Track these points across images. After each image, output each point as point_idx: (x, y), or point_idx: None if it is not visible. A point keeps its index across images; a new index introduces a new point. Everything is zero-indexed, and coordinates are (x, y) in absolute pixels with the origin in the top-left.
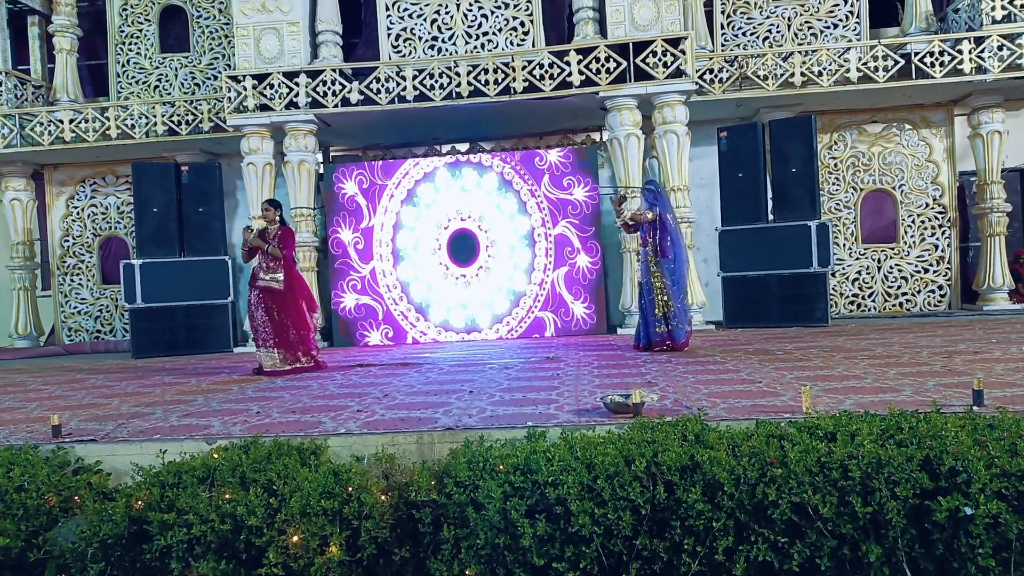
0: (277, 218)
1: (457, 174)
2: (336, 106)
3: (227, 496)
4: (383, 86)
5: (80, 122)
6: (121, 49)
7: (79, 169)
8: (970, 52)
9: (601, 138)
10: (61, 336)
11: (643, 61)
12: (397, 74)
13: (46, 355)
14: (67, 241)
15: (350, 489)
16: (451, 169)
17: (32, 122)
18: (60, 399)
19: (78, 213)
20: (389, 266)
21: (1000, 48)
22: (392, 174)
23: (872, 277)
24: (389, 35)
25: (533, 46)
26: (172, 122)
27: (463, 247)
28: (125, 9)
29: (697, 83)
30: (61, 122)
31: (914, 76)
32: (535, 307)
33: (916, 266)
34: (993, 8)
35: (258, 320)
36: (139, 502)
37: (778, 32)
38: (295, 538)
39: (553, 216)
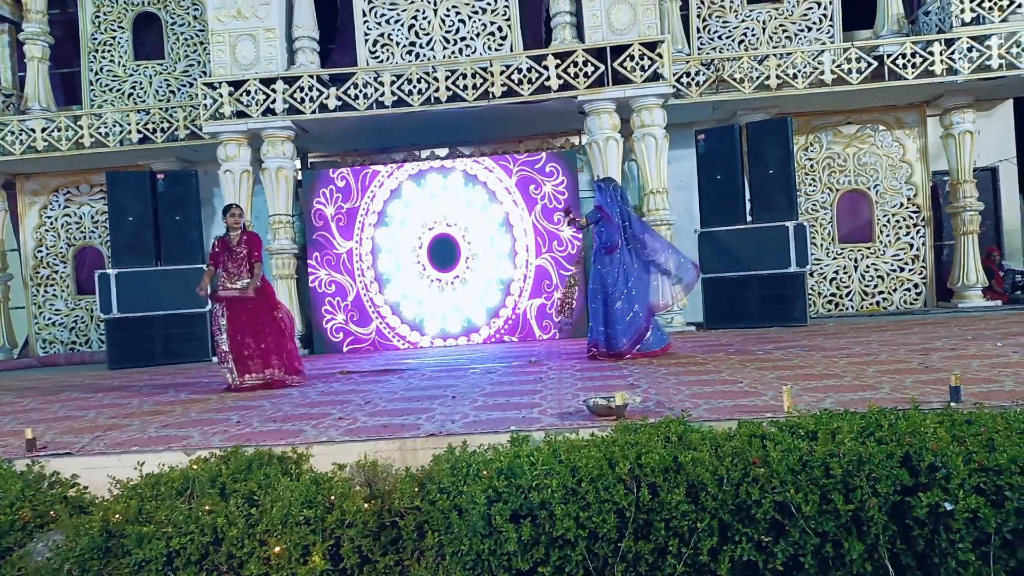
0: (242, 223)
1: (423, 182)
2: (314, 112)
3: (206, 507)
4: (361, 92)
5: (52, 131)
6: (94, 57)
7: (52, 178)
8: (941, 54)
9: (580, 142)
10: (35, 348)
11: (621, 65)
12: (375, 80)
13: (20, 368)
14: (41, 252)
15: (332, 498)
16: (416, 180)
17: (3, 131)
18: (34, 412)
19: (52, 223)
20: (375, 289)
21: (970, 50)
22: (364, 193)
23: (849, 276)
24: (367, 41)
25: (511, 51)
26: (147, 130)
27: (444, 250)
28: (98, 16)
29: (674, 86)
30: (33, 131)
31: (887, 78)
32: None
33: (892, 265)
34: (962, 10)
35: (226, 334)
36: (116, 515)
37: (753, 35)
38: (276, 548)
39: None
